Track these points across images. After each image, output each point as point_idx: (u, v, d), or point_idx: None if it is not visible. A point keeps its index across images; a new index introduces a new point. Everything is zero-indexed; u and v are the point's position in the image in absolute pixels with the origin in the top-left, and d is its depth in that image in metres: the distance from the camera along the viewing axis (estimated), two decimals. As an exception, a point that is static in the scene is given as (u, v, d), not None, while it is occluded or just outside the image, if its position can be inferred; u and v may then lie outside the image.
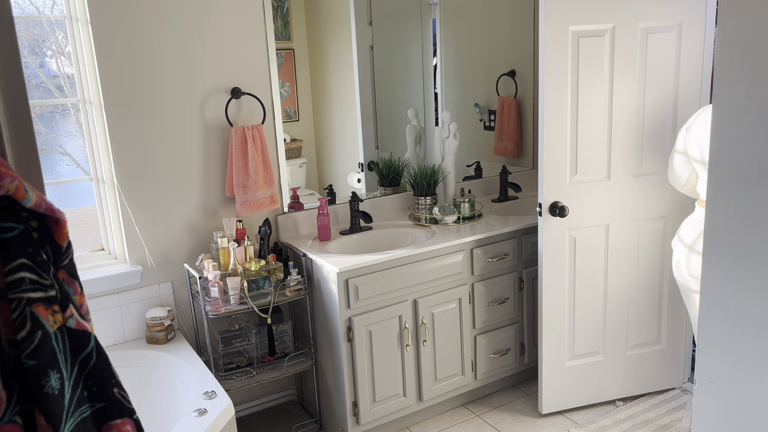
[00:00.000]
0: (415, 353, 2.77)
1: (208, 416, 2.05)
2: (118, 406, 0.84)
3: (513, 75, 3.50)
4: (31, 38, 2.69)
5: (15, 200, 0.74)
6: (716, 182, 1.36)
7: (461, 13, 3.34)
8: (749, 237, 1.31)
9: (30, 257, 0.75)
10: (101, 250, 2.72)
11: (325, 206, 2.86)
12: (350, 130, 3.23)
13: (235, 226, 2.67)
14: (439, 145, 3.23)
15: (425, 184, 3.08)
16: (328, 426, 2.85)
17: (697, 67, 2.72)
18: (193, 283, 2.64)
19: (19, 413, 0.75)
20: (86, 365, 0.81)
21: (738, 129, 1.30)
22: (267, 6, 2.75)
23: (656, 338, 2.96)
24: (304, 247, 2.78)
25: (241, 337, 2.69)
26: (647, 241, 2.84)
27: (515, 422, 2.89)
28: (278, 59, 2.88)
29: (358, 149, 3.25)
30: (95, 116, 2.54)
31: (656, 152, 2.75)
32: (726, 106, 1.32)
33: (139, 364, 2.52)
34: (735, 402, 1.40)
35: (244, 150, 2.68)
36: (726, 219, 1.35)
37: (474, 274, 2.87)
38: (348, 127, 3.22)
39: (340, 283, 2.52)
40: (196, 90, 2.65)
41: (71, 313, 0.79)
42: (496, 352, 3.01)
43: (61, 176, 2.92)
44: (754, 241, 1.31)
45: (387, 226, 3.07)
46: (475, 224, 3.00)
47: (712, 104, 1.37)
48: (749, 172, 1.30)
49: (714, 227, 1.38)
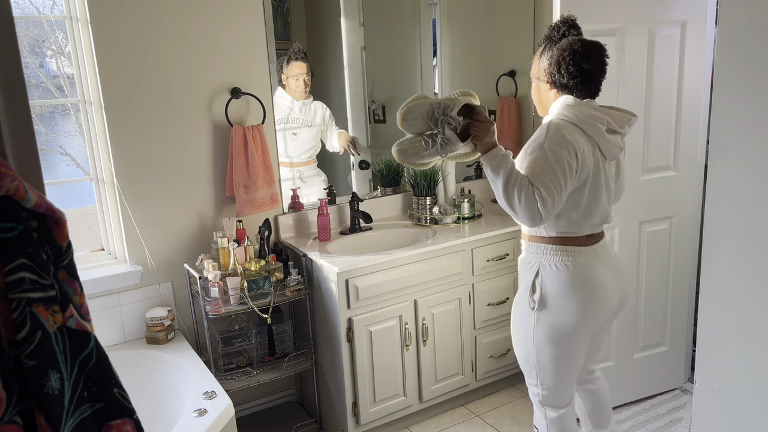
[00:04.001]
0: (415, 353, 2.77)
1: (208, 416, 2.05)
2: (118, 406, 0.84)
3: (513, 75, 3.50)
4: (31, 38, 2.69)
5: (15, 200, 0.74)
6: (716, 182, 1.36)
7: (461, 13, 3.34)
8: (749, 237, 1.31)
9: (30, 257, 0.75)
10: (101, 250, 2.72)
11: (325, 206, 2.86)
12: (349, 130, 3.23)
13: (235, 226, 2.67)
14: (439, 145, 3.22)
15: (425, 184, 3.08)
16: (328, 426, 2.85)
17: (700, 66, 2.71)
18: (193, 283, 2.64)
19: (19, 413, 0.75)
20: (86, 365, 0.81)
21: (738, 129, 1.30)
22: (267, 6, 2.75)
23: (661, 339, 2.95)
24: (304, 247, 2.78)
25: (241, 337, 2.69)
26: (653, 241, 2.83)
27: (515, 422, 2.89)
28: (278, 59, 2.88)
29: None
30: (95, 116, 2.54)
31: (662, 152, 2.75)
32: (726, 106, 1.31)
33: (139, 364, 2.52)
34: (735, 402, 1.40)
35: (245, 150, 2.68)
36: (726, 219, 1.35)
37: (474, 274, 2.87)
38: (344, 127, 3.22)
39: (340, 283, 2.52)
40: (196, 90, 2.65)
41: (71, 313, 0.79)
42: (496, 352, 3.01)
43: (61, 176, 2.92)
44: (754, 242, 1.31)
45: (387, 227, 3.07)
46: (475, 224, 3.00)
47: (712, 104, 1.37)
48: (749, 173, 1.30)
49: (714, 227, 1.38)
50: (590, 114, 1.88)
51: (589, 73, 1.88)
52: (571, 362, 2.01)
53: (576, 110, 1.88)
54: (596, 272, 1.94)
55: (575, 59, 1.87)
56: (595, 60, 1.88)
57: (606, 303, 1.97)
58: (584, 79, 1.89)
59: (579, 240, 1.94)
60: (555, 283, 1.93)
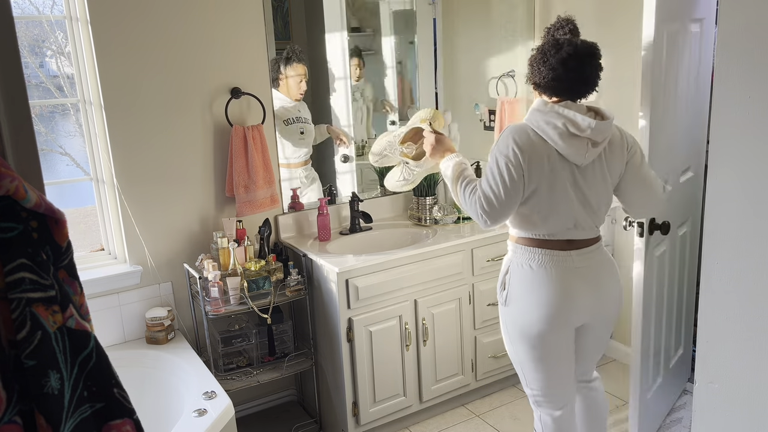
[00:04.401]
0: (415, 353, 2.77)
1: (208, 416, 2.05)
2: (118, 407, 0.84)
3: (513, 75, 3.50)
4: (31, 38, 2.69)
5: (15, 200, 0.74)
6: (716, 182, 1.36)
7: (461, 12, 3.34)
8: (749, 237, 1.31)
9: (30, 257, 0.75)
10: (101, 250, 2.72)
11: (325, 206, 2.86)
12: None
13: (235, 226, 2.67)
14: (439, 145, 3.22)
15: (425, 184, 3.08)
16: (328, 426, 2.85)
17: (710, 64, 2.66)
18: (193, 283, 2.64)
19: (19, 413, 0.75)
20: (86, 365, 0.81)
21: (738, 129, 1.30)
22: (267, 6, 2.75)
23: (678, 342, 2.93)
24: (304, 247, 2.78)
25: (241, 337, 2.69)
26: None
27: (515, 422, 2.89)
28: (274, 60, 2.88)
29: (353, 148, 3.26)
30: (95, 116, 2.54)
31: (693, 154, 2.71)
32: (726, 106, 1.31)
33: (139, 364, 2.52)
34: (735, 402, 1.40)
35: (244, 150, 2.68)
36: (725, 219, 1.35)
37: (474, 274, 2.87)
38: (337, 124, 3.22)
39: (340, 284, 2.52)
40: (196, 90, 2.65)
41: (71, 313, 0.79)
42: (496, 352, 3.01)
43: (61, 176, 2.92)
44: (754, 242, 1.31)
45: (387, 227, 3.07)
46: (475, 224, 3.00)
47: (712, 104, 1.37)
48: (749, 172, 1.30)
49: (714, 228, 1.38)
50: (547, 118, 1.83)
51: (557, 71, 1.82)
52: (548, 364, 1.99)
53: (537, 113, 1.85)
54: (563, 277, 1.90)
55: (545, 57, 1.84)
56: (568, 59, 1.81)
57: (570, 310, 1.92)
58: (555, 78, 1.83)
59: (552, 243, 1.92)
60: (519, 282, 1.95)
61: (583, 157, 1.85)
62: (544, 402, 2.06)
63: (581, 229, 1.93)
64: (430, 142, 2.13)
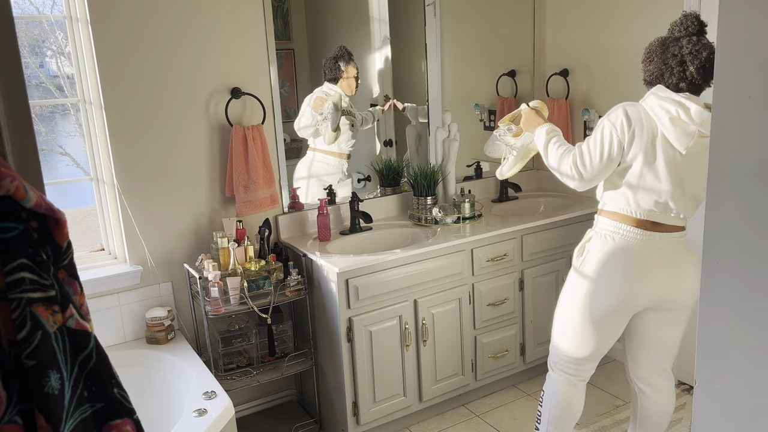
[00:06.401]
0: (415, 353, 2.77)
1: (208, 416, 2.05)
2: (118, 406, 0.84)
3: (513, 75, 3.50)
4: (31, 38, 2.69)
5: (15, 200, 0.74)
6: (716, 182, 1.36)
7: (461, 12, 3.34)
8: (749, 237, 1.31)
9: (30, 257, 0.75)
10: (101, 250, 2.72)
11: (325, 206, 2.86)
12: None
13: (235, 226, 2.67)
14: (439, 146, 3.23)
15: (425, 185, 3.08)
16: (328, 426, 2.85)
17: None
18: (193, 283, 2.64)
19: (19, 413, 0.75)
20: (86, 365, 0.81)
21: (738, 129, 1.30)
22: (267, 6, 2.75)
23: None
24: (304, 247, 2.78)
25: (241, 337, 2.69)
26: None
27: (515, 422, 2.89)
28: (278, 59, 2.88)
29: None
30: (95, 116, 2.54)
31: None
32: (726, 106, 1.31)
33: (139, 364, 2.52)
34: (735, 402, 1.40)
35: (245, 150, 2.68)
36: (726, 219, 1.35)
37: (474, 274, 2.87)
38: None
39: (340, 283, 2.52)
40: (196, 90, 2.65)
41: (71, 313, 0.79)
42: (496, 352, 3.01)
43: (61, 176, 2.92)
44: (755, 242, 1.30)
45: (387, 227, 3.07)
46: (475, 224, 3.00)
47: (713, 104, 1.36)
48: (749, 173, 1.30)
49: (714, 228, 1.38)
50: (662, 104, 1.96)
51: (694, 77, 1.95)
52: (597, 334, 2.09)
53: (654, 98, 1.98)
54: (642, 255, 2.02)
55: (682, 60, 1.95)
56: (675, 55, 1.94)
57: (638, 287, 2.03)
58: (660, 75, 1.98)
59: (639, 222, 2.04)
60: (599, 249, 2.08)
61: (687, 145, 1.96)
62: (570, 368, 2.18)
63: (669, 213, 2.03)
64: (525, 115, 2.35)
